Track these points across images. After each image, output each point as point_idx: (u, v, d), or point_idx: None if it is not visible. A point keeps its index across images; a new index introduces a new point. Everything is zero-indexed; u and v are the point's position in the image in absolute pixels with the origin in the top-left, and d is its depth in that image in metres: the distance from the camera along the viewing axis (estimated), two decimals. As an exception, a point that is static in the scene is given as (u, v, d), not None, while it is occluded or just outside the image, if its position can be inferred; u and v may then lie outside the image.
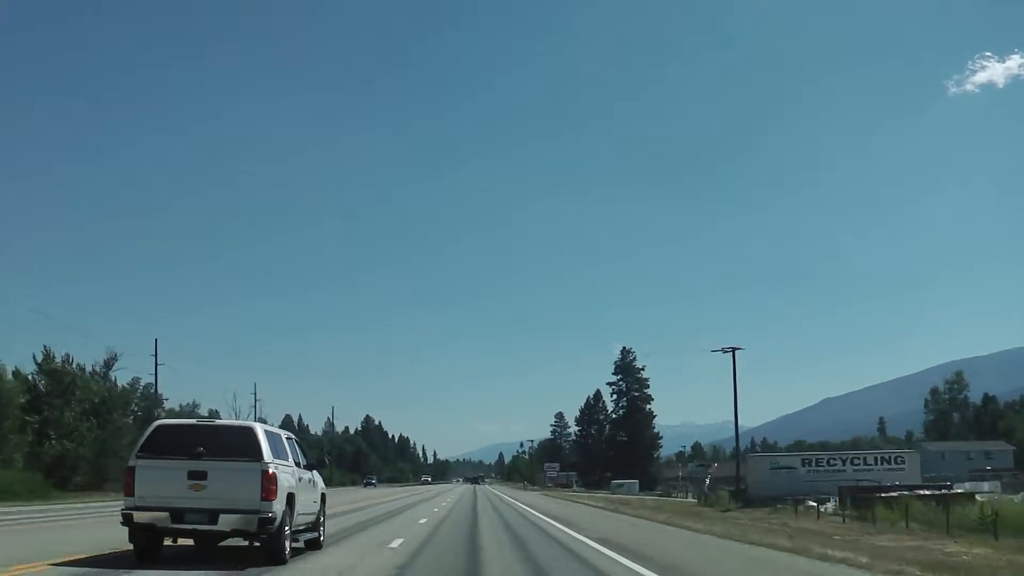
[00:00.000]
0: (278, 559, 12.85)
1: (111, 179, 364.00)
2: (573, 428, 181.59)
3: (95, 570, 12.17)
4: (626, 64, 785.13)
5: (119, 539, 13.87)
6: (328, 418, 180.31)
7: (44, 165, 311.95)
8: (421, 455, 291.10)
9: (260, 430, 12.95)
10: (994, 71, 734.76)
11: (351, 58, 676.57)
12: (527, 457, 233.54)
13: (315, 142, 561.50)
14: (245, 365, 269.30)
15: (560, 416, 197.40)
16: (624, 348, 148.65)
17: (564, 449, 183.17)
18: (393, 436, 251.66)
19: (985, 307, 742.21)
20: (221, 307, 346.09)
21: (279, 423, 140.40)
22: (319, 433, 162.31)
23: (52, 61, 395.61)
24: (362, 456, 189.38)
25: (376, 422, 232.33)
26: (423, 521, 27.99)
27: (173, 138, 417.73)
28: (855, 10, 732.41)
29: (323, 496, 16.60)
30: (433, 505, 44.49)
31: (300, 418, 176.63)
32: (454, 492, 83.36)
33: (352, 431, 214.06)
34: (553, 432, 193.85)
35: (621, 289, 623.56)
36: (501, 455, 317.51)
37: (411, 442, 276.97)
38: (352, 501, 49.26)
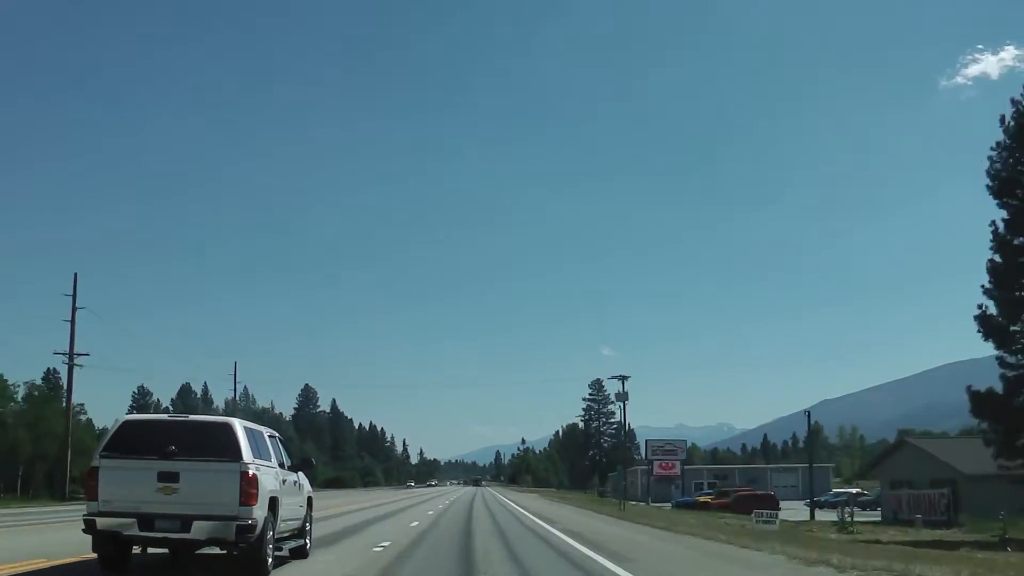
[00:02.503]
0: (259, 570, 11.69)
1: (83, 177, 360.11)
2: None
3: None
4: (618, 60, 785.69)
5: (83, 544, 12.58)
6: (245, 388, 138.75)
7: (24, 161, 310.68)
8: (401, 451, 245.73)
9: (239, 426, 11.69)
10: (988, 63, 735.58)
11: (338, 53, 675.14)
12: (537, 453, 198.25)
13: (301, 138, 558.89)
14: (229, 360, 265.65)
15: (598, 385, 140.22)
16: None
17: (603, 437, 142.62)
18: (361, 425, 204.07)
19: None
20: (211, 304, 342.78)
21: (170, 401, 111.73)
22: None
23: (39, 56, 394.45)
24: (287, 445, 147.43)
25: (329, 402, 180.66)
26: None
27: (150, 133, 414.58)
28: (848, 7, 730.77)
29: (310, 500, 15.37)
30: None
31: (205, 387, 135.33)
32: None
33: (320, 415, 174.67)
34: (587, 412, 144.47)
35: (615, 288, 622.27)
36: (499, 453, 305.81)
37: (387, 435, 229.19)
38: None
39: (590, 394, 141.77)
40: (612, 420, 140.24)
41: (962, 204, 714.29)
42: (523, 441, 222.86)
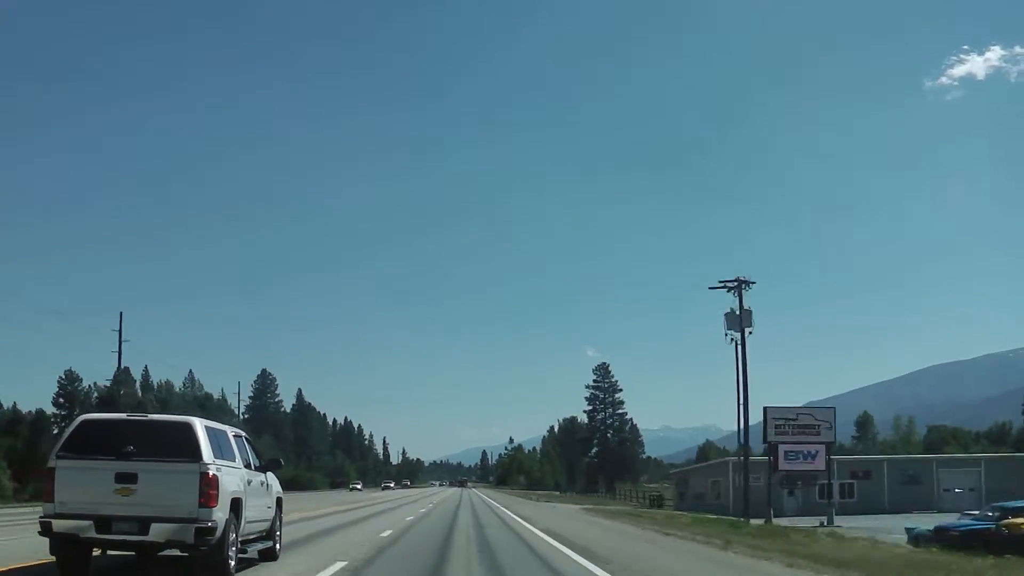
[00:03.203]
0: (221, 574, 11.46)
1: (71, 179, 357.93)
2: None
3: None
4: (605, 56, 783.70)
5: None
6: (191, 372, 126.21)
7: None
8: (381, 450, 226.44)
9: (200, 426, 11.44)
10: (974, 64, 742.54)
11: (328, 48, 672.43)
12: (528, 452, 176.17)
13: (292, 135, 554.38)
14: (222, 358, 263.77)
15: (603, 371, 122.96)
16: None
17: (609, 430, 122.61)
18: (336, 420, 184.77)
19: (968, 311, 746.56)
20: (204, 304, 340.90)
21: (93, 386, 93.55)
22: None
23: (37, 51, 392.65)
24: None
25: (294, 393, 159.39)
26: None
27: (145, 130, 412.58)
28: (833, 6, 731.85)
29: (279, 500, 15.09)
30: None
31: (146, 371, 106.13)
32: None
33: (285, 407, 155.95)
34: (590, 401, 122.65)
35: (599, 288, 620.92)
36: (485, 453, 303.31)
37: (365, 432, 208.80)
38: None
39: (594, 381, 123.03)
40: (620, 411, 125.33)
41: (947, 205, 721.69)
42: (511, 440, 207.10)
